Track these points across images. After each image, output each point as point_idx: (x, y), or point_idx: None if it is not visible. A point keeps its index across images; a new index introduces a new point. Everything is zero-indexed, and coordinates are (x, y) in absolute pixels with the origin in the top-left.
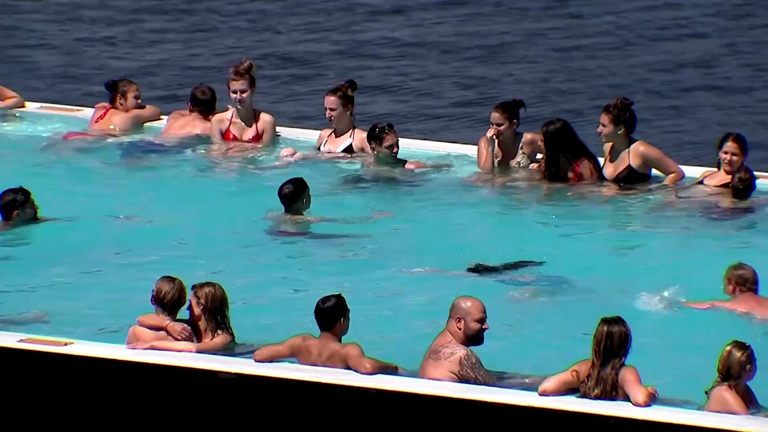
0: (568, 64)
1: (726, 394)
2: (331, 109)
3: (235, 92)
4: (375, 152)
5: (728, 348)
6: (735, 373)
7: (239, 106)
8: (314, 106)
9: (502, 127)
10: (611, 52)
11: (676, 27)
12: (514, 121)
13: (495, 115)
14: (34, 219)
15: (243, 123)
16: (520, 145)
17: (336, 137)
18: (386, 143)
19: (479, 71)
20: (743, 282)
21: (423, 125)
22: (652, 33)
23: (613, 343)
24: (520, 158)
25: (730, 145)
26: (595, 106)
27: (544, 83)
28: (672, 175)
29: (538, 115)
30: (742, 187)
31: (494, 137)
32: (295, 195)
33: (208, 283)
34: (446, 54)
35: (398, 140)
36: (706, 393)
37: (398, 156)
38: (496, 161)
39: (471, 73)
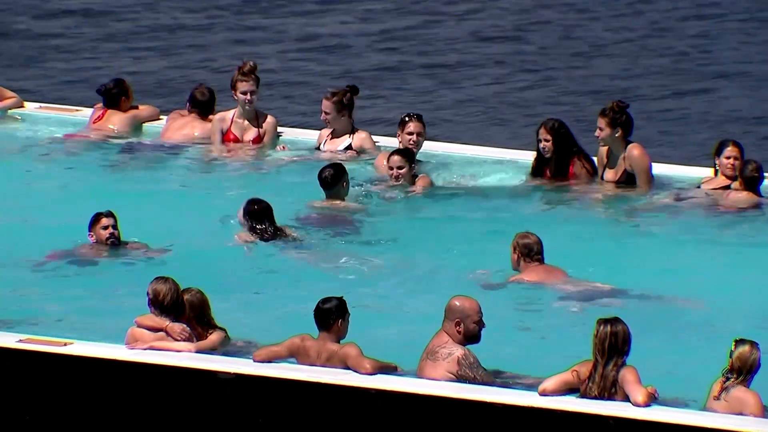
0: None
1: (748, 395)
2: (326, 113)
3: (244, 93)
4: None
5: (746, 347)
6: (751, 369)
7: (248, 107)
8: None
9: (402, 171)
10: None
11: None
12: (413, 166)
13: (395, 159)
14: (117, 242)
15: (245, 123)
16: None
17: (334, 138)
18: (407, 130)
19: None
20: (528, 252)
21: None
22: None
23: (617, 341)
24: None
25: (731, 150)
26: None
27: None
28: (641, 188)
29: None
30: (755, 177)
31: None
32: (335, 178)
33: (185, 291)
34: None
35: (422, 131)
36: (716, 398)
37: (416, 159)
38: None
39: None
